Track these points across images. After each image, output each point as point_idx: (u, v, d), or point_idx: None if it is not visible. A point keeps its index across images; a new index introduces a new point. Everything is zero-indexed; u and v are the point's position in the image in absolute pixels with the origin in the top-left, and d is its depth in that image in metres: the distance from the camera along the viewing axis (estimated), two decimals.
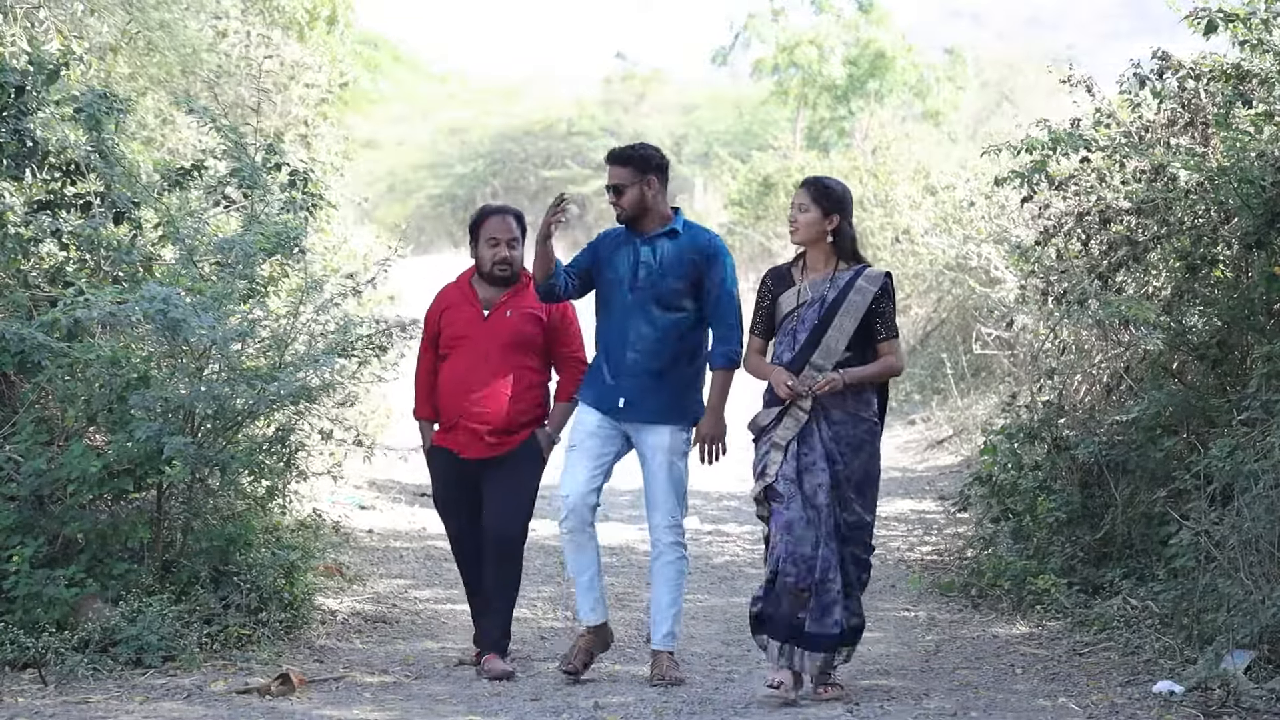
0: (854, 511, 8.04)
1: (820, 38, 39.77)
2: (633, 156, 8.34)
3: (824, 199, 8.06)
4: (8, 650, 8.22)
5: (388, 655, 9.10)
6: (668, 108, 53.94)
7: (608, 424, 8.32)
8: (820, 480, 7.94)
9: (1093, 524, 10.50)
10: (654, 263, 8.28)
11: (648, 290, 8.25)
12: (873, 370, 8.04)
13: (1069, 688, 8.34)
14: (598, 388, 8.37)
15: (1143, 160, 10.61)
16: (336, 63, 19.96)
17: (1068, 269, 11.25)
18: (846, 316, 7.98)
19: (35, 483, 8.70)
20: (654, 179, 8.32)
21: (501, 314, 8.63)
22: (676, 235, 8.33)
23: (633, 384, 8.26)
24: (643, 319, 8.25)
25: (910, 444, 18.10)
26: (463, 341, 8.62)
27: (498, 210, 8.79)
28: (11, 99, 9.68)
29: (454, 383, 8.62)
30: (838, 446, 7.98)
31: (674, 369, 8.28)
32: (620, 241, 8.40)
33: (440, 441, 8.72)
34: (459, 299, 8.74)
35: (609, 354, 8.34)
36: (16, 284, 9.61)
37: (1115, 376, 11.49)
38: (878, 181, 25.47)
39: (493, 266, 8.64)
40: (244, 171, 10.20)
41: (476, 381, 8.55)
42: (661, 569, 8.33)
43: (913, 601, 10.78)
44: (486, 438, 8.59)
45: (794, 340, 8.06)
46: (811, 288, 8.08)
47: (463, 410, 8.57)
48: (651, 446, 8.30)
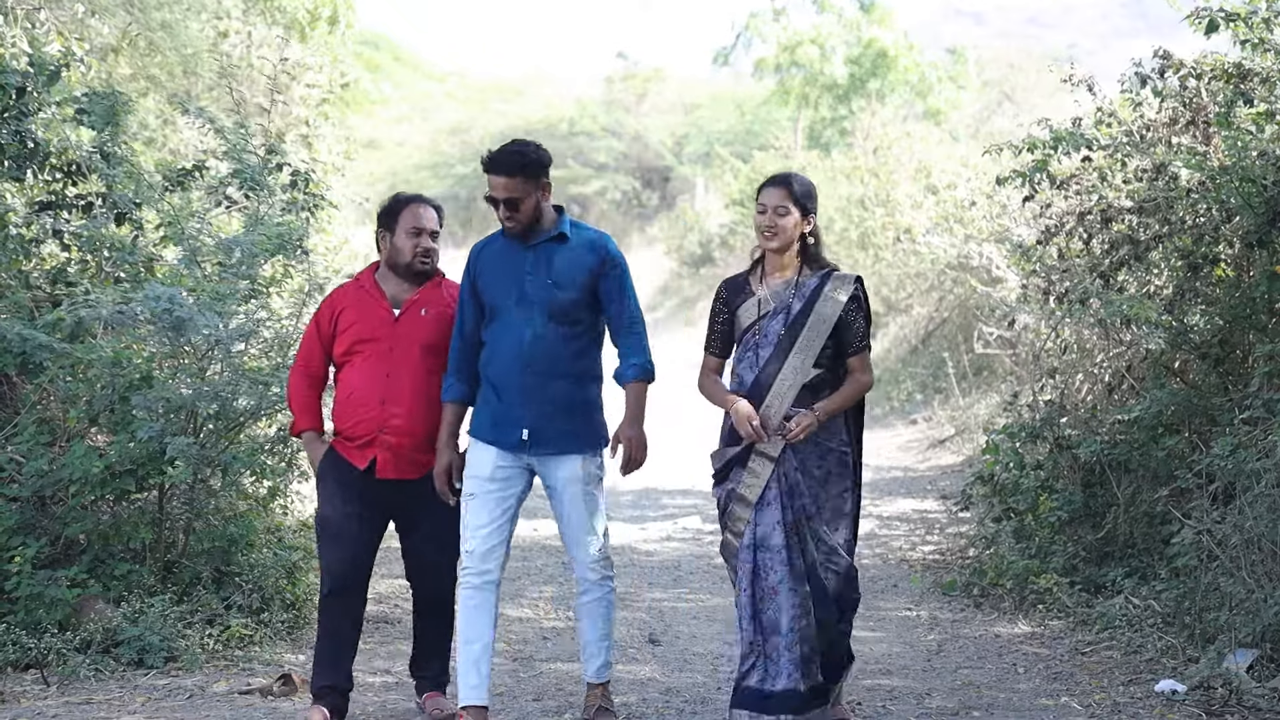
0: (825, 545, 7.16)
1: (822, 37, 39.79)
2: (525, 164, 7.21)
3: (803, 198, 7.28)
4: (10, 651, 8.22)
5: (389, 655, 9.09)
6: (669, 107, 53.94)
7: (508, 460, 7.22)
8: (776, 519, 7.12)
9: (1095, 523, 10.50)
10: (543, 273, 7.22)
11: (539, 304, 7.18)
12: (846, 395, 7.21)
13: (1071, 687, 8.34)
14: (492, 420, 7.25)
15: (1144, 159, 10.63)
16: (337, 63, 19.97)
17: (1069, 268, 11.25)
18: (815, 329, 7.14)
19: (37, 483, 8.70)
20: (548, 183, 7.29)
21: (415, 313, 7.54)
22: (565, 240, 7.30)
23: (534, 412, 7.18)
24: (535, 337, 7.16)
25: (912, 443, 18.10)
26: (370, 345, 7.48)
27: (416, 198, 7.77)
28: (13, 100, 9.68)
29: (364, 393, 7.43)
30: (803, 480, 7.14)
31: (577, 391, 7.25)
32: (500, 252, 7.35)
33: (349, 455, 7.47)
34: (360, 298, 7.60)
35: (501, 380, 7.21)
36: (18, 285, 9.62)
37: (1117, 375, 11.49)
38: (879, 181, 25.50)
39: (414, 258, 7.57)
40: (245, 172, 10.21)
41: (394, 391, 7.40)
42: (590, 606, 7.45)
43: (915, 601, 10.78)
44: (413, 455, 7.44)
45: (756, 358, 7.21)
46: (774, 297, 7.25)
47: (381, 423, 7.39)
48: (562, 480, 7.26)
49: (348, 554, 7.42)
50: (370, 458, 7.39)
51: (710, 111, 51.56)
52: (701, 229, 38.58)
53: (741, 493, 7.19)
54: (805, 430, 7.05)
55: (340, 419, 7.49)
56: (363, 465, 7.40)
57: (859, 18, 39.99)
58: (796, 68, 40.15)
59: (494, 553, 7.19)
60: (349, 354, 7.52)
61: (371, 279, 7.66)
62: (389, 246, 7.65)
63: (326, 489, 7.51)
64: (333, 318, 7.60)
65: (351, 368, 7.51)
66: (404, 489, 7.45)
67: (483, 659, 7.21)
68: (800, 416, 7.08)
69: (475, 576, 7.17)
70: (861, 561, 12.12)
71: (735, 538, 7.22)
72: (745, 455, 7.20)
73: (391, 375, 7.42)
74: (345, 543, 7.41)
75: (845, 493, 7.27)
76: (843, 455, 7.25)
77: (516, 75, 62.78)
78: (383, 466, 7.41)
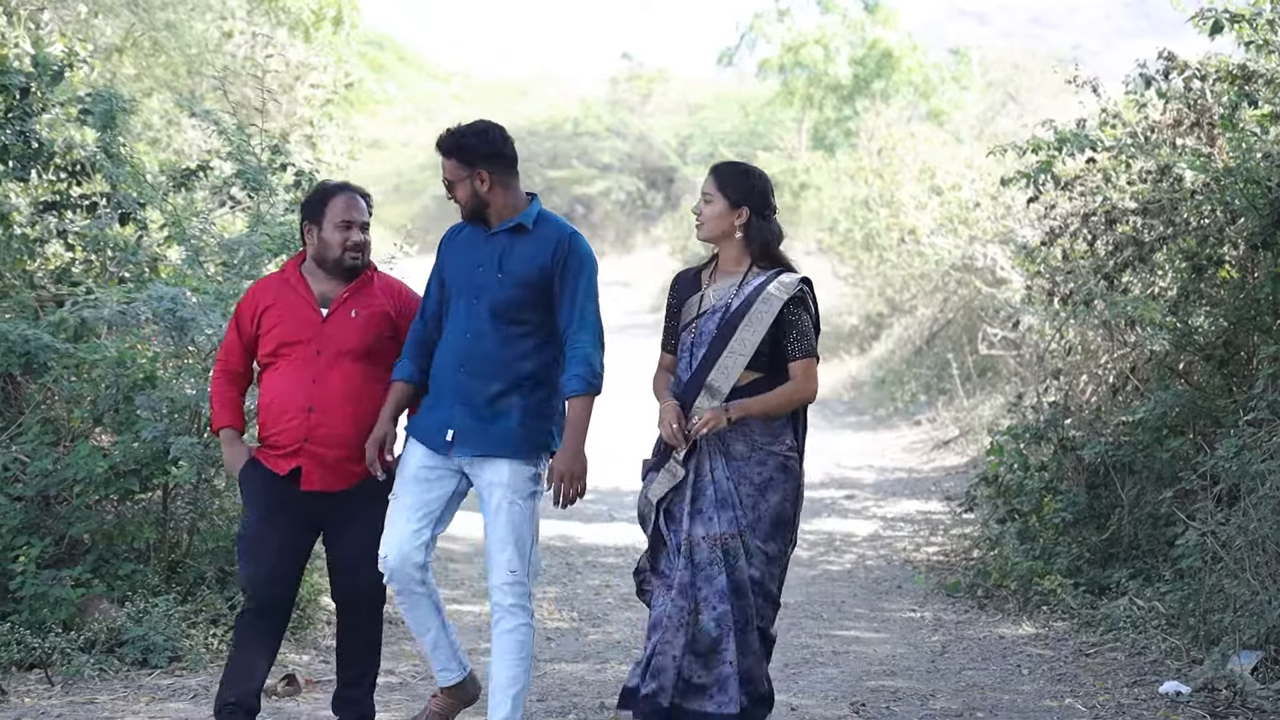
0: (756, 565, 6.65)
1: (826, 38, 39.79)
2: (455, 147, 6.71)
3: (731, 188, 6.72)
4: (14, 651, 8.22)
5: (393, 655, 9.08)
6: (673, 108, 53.95)
7: (437, 461, 6.72)
8: (705, 532, 6.61)
9: (1099, 524, 10.50)
10: (493, 265, 6.70)
11: (484, 299, 6.68)
12: (773, 399, 6.64)
13: (1075, 688, 8.33)
14: (424, 417, 6.81)
15: (1149, 160, 10.63)
16: (342, 63, 19.97)
17: (1074, 269, 11.26)
18: (749, 329, 6.62)
19: (42, 483, 8.70)
20: (484, 172, 6.68)
21: (345, 314, 6.92)
22: (524, 231, 6.74)
23: (463, 412, 6.66)
24: (475, 334, 6.67)
25: (916, 444, 18.10)
26: (296, 348, 6.87)
27: (344, 187, 7.13)
28: (17, 100, 9.69)
29: (288, 399, 6.83)
30: (739, 488, 6.65)
31: (514, 394, 6.65)
32: (465, 240, 6.89)
33: (273, 464, 6.88)
34: (285, 295, 6.98)
35: (439, 376, 6.77)
36: (23, 284, 9.62)
37: (1121, 377, 11.49)
38: (883, 182, 25.49)
39: (344, 253, 6.93)
40: (249, 172, 10.21)
41: (322, 397, 6.81)
42: (500, 639, 6.67)
43: (919, 602, 10.78)
44: (340, 465, 6.83)
45: (690, 358, 6.74)
46: (716, 294, 6.77)
47: (307, 433, 6.79)
48: (488, 484, 6.68)
49: (269, 568, 6.83)
50: (292, 466, 6.80)
51: (715, 112, 51.57)
52: None
53: (650, 496, 6.72)
54: (709, 425, 6.51)
55: (263, 426, 6.92)
56: (285, 471, 6.80)
57: (863, 18, 40.00)
58: (801, 68, 40.15)
59: (410, 560, 6.65)
60: (273, 356, 6.92)
61: (298, 273, 7.02)
62: (316, 240, 6.98)
63: (247, 499, 6.98)
64: (255, 317, 6.98)
65: (275, 371, 6.91)
66: (332, 499, 6.85)
67: (439, 642, 6.88)
68: (708, 411, 6.57)
69: (394, 584, 6.71)
70: (865, 563, 12.13)
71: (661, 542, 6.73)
72: (664, 458, 6.73)
73: (319, 381, 6.81)
74: (267, 556, 6.82)
75: (786, 502, 6.73)
76: (786, 460, 6.74)
77: (521, 75, 62.80)
78: (308, 478, 6.80)
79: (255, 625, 6.88)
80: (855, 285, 26.89)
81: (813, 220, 31.26)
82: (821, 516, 14.09)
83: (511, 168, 6.77)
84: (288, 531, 6.86)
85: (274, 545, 6.83)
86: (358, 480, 6.84)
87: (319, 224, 6.96)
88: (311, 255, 7.01)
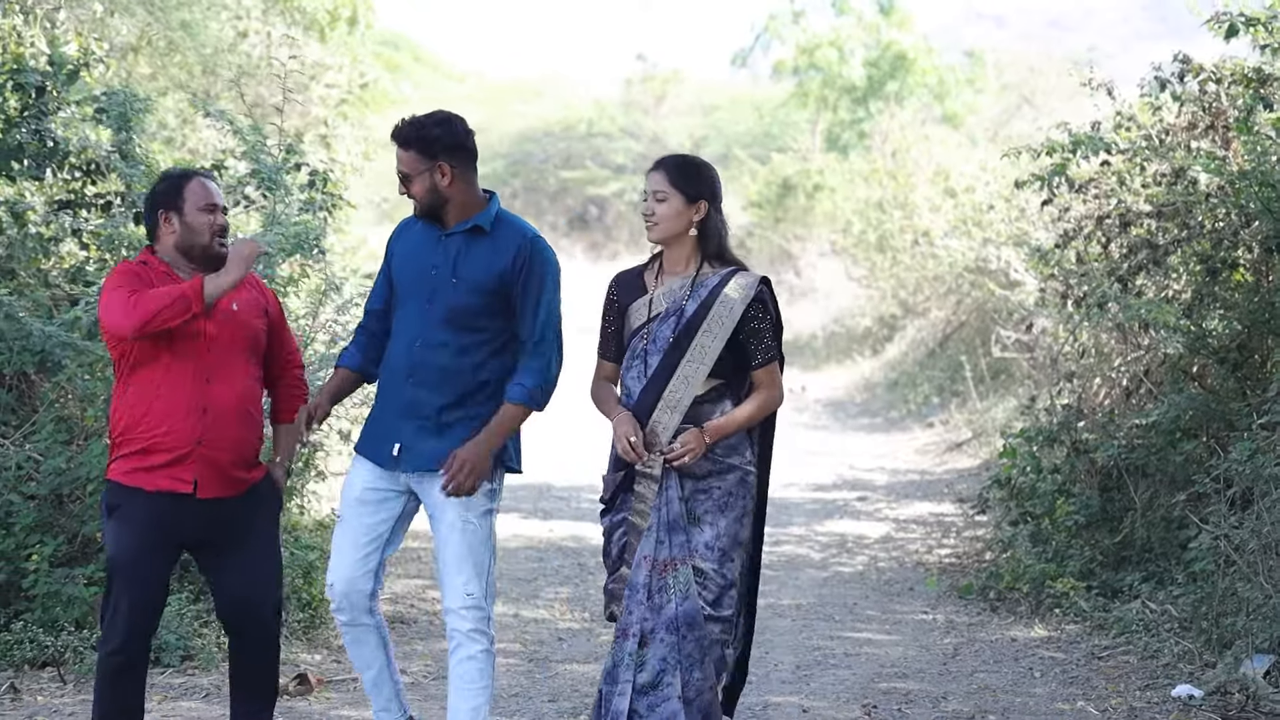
0: (715, 586, 6.26)
1: (840, 39, 39.79)
2: (415, 138, 6.27)
3: (686, 182, 6.31)
4: (27, 649, 8.24)
5: (405, 655, 9.10)
6: (687, 109, 53.95)
7: (384, 480, 6.33)
8: (645, 553, 6.25)
9: (1112, 527, 10.49)
10: (447, 268, 6.27)
11: (437, 303, 6.26)
12: (744, 414, 6.29)
13: (1087, 691, 8.33)
14: (370, 430, 6.42)
15: (1163, 163, 10.62)
16: (357, 63, 20.01)
17: (1088, 272, 11.25)
18: (709, 335, 6.24)
19: (55, 481, 8.71)
20: (445, 165, 6.25)
21: (226, 307, 6.37)
22: (482, 234, 6.31)
23: (410, 426, 6.25)
24: (426, 341, 6.25)
25: (929, 446, 18.08)
26: (182, 343, 6.27)
27: (197, 172, 6.58)
28: (32, 99, 9.70)
29: (177, 398, 6.25)
30: (696, 508, 6.28)
31: (467, 405, 6.25)
32: (417, 237, 6.46)
33: (150, 482, 6.27)
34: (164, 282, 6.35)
35: (387, 385, 6.37)
36: (37, 283, 9.63)
37: (1135, 380, 11.48)
38: (897, 184, 25.50)
39: (212, 239, 6.37)
40: (263, 172, 10.23)
41: (212, 396, 6.28)
42: (457, 667, 6.29)
43: (931, 604, 10.77)
44: (232, 471, 6.34)
45: (645, 366, 6.32)
46: (666, 296, 6.36)
47: (202, 434, 6.25)
48: (436, 503, 6.26)
49: (136, 598, 6.26)
50: (180, 477, 6.24)
51: (729, 113, 51.59)
52: None
53: (634, 521, 6.27)
54: (690, 453, 6.17)
55: (136, 430, 6.29)
56: (166, 486, 6.24)
57: (878, 20, 39.99)
58: (815, 70, 40.15)
59: (357, 587, 6.33)
60: (151, 351, 6.27)
61: (164, 264, 6.42)
62: (178, 228, 6.38)
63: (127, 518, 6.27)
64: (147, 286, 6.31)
65: (152, 371, 6.27)
66: (221, 513, 6.33)
67: (381, 680, 6.46)
68: (687, 435, 6.21)
69: (341, 614, 6.37)
70: (877, 565, 12.12)
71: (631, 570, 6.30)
72: (630, 478, 6.31)
73: (212, 380, 6.27)
74: (136, 585, 6.26)
75: (744, 518, 6.33)
76: (745, 475, 6.33)
77: (535, 76, 62.82)
78: (205, 484, 6.27)
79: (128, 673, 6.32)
80: (868, 287, 26.89)
81: (826, 222, 31.25)
82: (834, 518, 14.08)
83: (472, 162, 6.36)
84: (169, 552, 6.37)
85: (159, 566, 6.33)
86: (246, 489, 6.39)
87: (179, 210, 6.39)
88: (175, 245, 6.40)
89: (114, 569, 6.31)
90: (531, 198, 47.63)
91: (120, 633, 6.27)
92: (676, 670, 6.17)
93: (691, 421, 6.26)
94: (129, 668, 6.32)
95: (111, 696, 6.32)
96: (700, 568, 6.23)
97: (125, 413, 6.32)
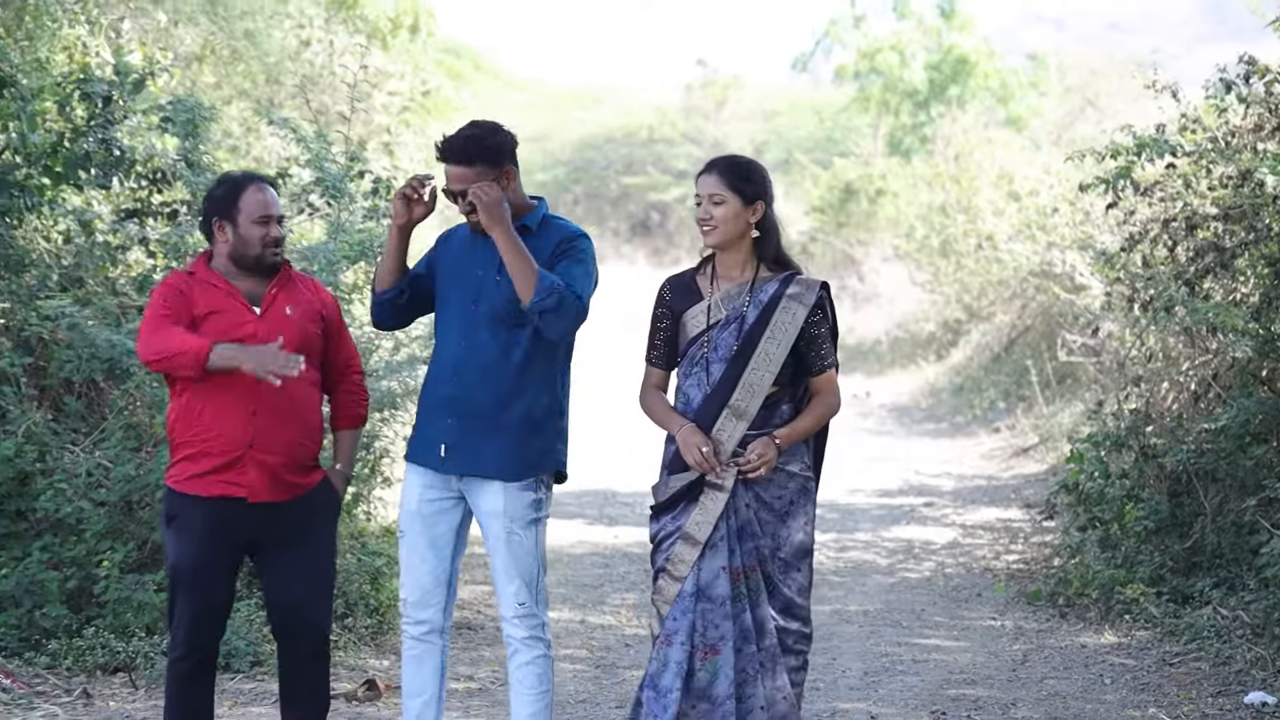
0: (782, 596, 6.18)
1: (902, 43, 39.67)
2: (482, 151, 6.25)
3: (742, 182, 6.19)
4: (99, 654, 8.29)
5: (473, 661, 9.12)
6: (748, 114, 53.88)
7: (437, 487, 6.33)
8: (722, 563, 6.11)
9: (1182, 533, 10.40)
10: (492, 267, 6.24)
11: (483, 303, 6.26)
12: (809, 421, 6.20)
13: (1159, 698, 8.27)
14: (417, 434, 6.42)
15: (1229, 165, 10.54)
16: (419, 71, 20.07)
17: (1154, 275, 11.17)
18: (772, 342, 6.13)
19: (124, 488, 8.77)
20: (512, 169, 6.31)
21: (280, 311, 6.39)
22: (529, 232, 6.29)
23: (456, 425, 6.25)
24: (474, 341, 6.25)
25: (995, 452, 18.01)
26: None
27: (254, 178, 6.56)
28: (99, 109, 9.77)
29: (228, 401, 6.25)
30: (759, 515, 6.15)
31: (515, 404, 6.22)
32: (461, 244, 6.45)
33: (205, 488, 6.27)
34: (208, 293, 6.37)
35: (431, 388, 6.38)
36: (105, 291, 9.70)
37: (1203, 384, 11.39)
38: (960, 188, 25.40)
39: (265, 250, 6.37)
40: (327, 179, 10.27)
41: (265, 401, 6.27)
42: (517, 673, 6.33)
43: (999, 610, 10.71)
44: (284, 476, 6.33)
45: (706, 374, 6.19)
46: (725, 302, 6.23)
47: (253, 437, 6.26)
48: (486, 513, 6.27)
49: (199, 607, 6.31)
50: (232, 481, 6.25)
51: (790, 118, 51.51)
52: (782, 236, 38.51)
53: (690, 531, 6.12)
54: (765, 463, 6.07)
55: (187, 434, 6.32)
56: (220, 492, 6.26)
57: (939, 24, 39.85)
58: (876, 74, 40.04)
59: (431, 598, 6.35)
60: None
61: (214, 273, 6.43)
62: (231, 238, 6.40)
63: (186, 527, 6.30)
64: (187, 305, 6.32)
65: (206, 376, 6.21)
66: (273, 517, 6.32)
67: (424, 715, 6.41)
68: (758, 444, 6.10)
69: (413, 626, 6.39)
70: (945, 571, 12.07)
71: (675, 582, 6.14)
72: (696, 488, 6.17)
73: (263, 383, 6.17)
74: (198, 593, 6.30)
75: (809, 525, 6.25)
76: (805, 482, 6.23)
77: (596, 83, 62.90)
78: (255, 489, 6.27)
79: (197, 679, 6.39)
80: (932, 292, 26.79)
81: (889, 227, 31.17)
82: (900, 524, 14.03)
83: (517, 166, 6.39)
84: (231, 557, 6.36)
85: (221, 573, 6.35)
86: (302, 493, 6.39)
87: (233, 220, 6.39)
88: (227, 254, 6.42)
89: (175, 577, 6.35)
90: (593, 204, 47.70)
91: (186, 640, 6.33)
92: (759, 680, 6.08)
93: (752, 429, 6.15)
94: (198, 673, 6.36)
95: (181, 702, 6.36)
96: (769, 575, 6.15)
97: (179, 417, 6.34)
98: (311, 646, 6.46)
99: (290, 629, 6.44)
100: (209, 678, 6.41)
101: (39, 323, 9.07)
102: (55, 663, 8.31)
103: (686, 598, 6.10)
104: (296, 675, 6.48)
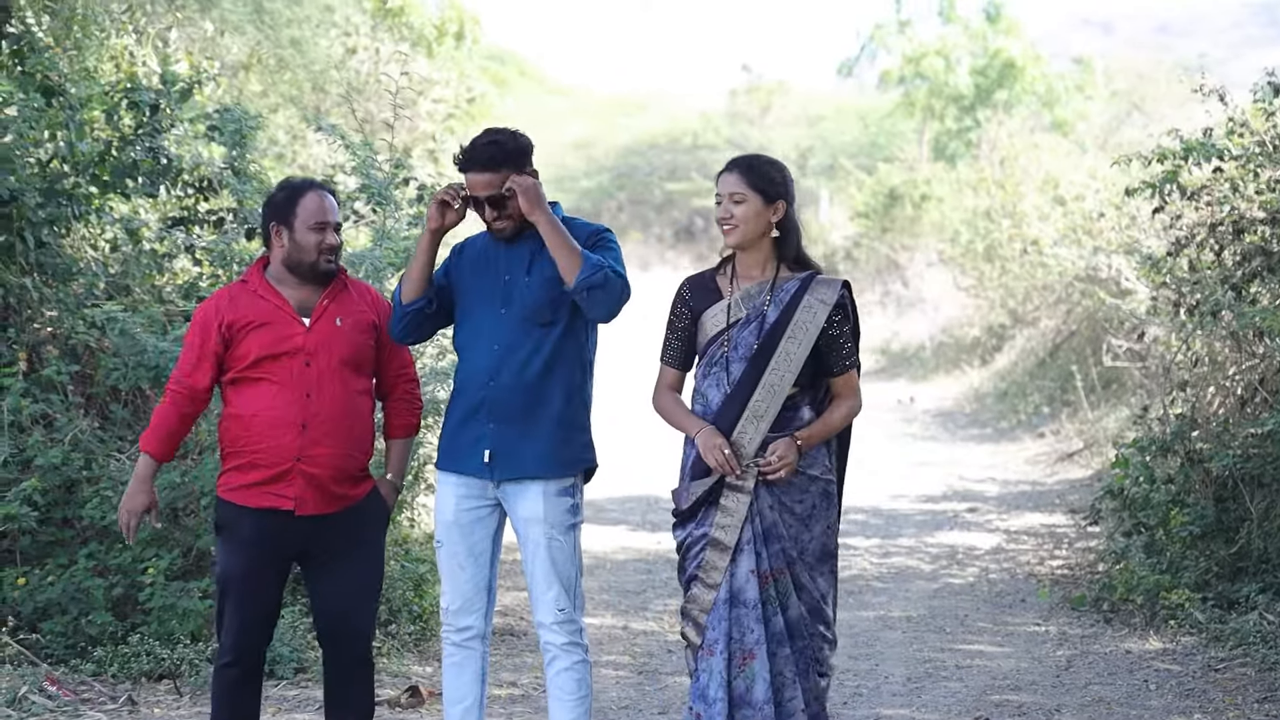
0: (810, 597, 6.13)
1: (947, 48, 39.62)
2: (506, 156, 6.27)
3: (763, 182, 6.11)
4: (144, 661, 8.34)
5: (515, 668, 9.13)
6: (793, 120, 53.88)
7: (473, 495, 6.33)
8: (750, 567, 6.05)
9: (1228, 538, 10.36)
10: (522, 269, 6.28)
11: (514, 305, 6.26)
12: (833, 420, 6.16)
13: (1204, 704, 8.24)
14: (453, 441, 6.38)
15: (1277, 169, 10.49)
16: (464, 78, 20.14)
17: (1200, 280, 11.12)
18: (793, 341, 6.06)
19: (170, 496, 8.81)
20: (533, 171, 6.36)
21: (330, 322, 6.37)
22: None
23: (496, 430, 6.25)
24: (506, 345, 6.23)
25: (1040, 457, 17.95)
26: (282, 361, 6.29)
27: (313, 184, 6.52)
28: (146, 117, 9.84)
29: (276, 416, 6.26)
30: (783, 518, 6.08)
31: (550, 403, 6.25)
32: (482, 252, 6.43)
33: (252, 500, 6.30)
34: (256, 306, 6.37)
35: (465, 395, 6.34)
36: (152, 299, 9.76)
37: (1250, 388, 11.33)
38: (1005, 193, 25.33)
39: (320, 257, 6.34)
40: (373, 186, 10.31)
41: (316, 413, 6.27)
42: (556, 679, 6.32)
43: (1043, 616, 10.68)
44: (332, 488, 6.32)
45: (726, 373, 6.13)
46: (745, 301, 6.17)
47: (300, 451, 6.25)
48: (524, 519, 6.28)
49: (247, 617, 6.35)
50: (280, 494, 6.27)
51: (835, 124, 51.50)
52: (826, 241, 38.46)
53: (717, 536, 6.07)
54: (786, 465, 6.01)
55: (238, 444, 6.35)
56: (268, 504, 6.27)
57: (985, 29, 39.78)
58: (921, 79, 40.00)
59: (472, 605, 6.37)
60: (252, 370, 6.31)
61: (265, 282, 6.42)
62: (286, 243, 6.37)
63: (235, 538, 6.35)
64: (221, 328, 6.34)
65: (255, 388, 6.29)
66: (320, 528, 6.32)
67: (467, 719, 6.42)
68: (779, 445, 6.05)
69: (455, 634, 6.39)
70: (989, 576, 12.04)
71: (709, 590, 6.09)
72: (716, 491, 6.11)
73: (313, 395, 6.25)
74: (246, 603, 6.33)
75: (830, 529, 6.19)
76: (827, 486, 6.17)
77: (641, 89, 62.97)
78: (302, 502, 6.28)
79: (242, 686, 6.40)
80: (977, 296, 26.72)
81: (934, 231, 31.11)
82: (944, 529, 14.00)
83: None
84: (278, 569, 6.39)
85: (268, 585, 6.38)
86: (351, 504, 6.38)
87: (289, 226, 6.36)
88: (281, 260, 6.40)
89: (223, 585, 6.37)
90: (637, 210, 47.75)
91: (233, 646, 6.35)
92: (796, 683, 6.05)
93: (772, 431, 6.10)
94: (243, 680, 6.38)
95: (228, 708, 6.38)
96: (797, 578, 6.11)
97: (229, 427, 6.37)
98: (356, 653, 6.46)
99: (336, 636, 6.45)
100: (256, 684, 6.42)
101: (86, 330, 9.13)
102: (101, 670, 8.36)
103: (721, 605, 6.06)
104: (341, 682, 6.48)
